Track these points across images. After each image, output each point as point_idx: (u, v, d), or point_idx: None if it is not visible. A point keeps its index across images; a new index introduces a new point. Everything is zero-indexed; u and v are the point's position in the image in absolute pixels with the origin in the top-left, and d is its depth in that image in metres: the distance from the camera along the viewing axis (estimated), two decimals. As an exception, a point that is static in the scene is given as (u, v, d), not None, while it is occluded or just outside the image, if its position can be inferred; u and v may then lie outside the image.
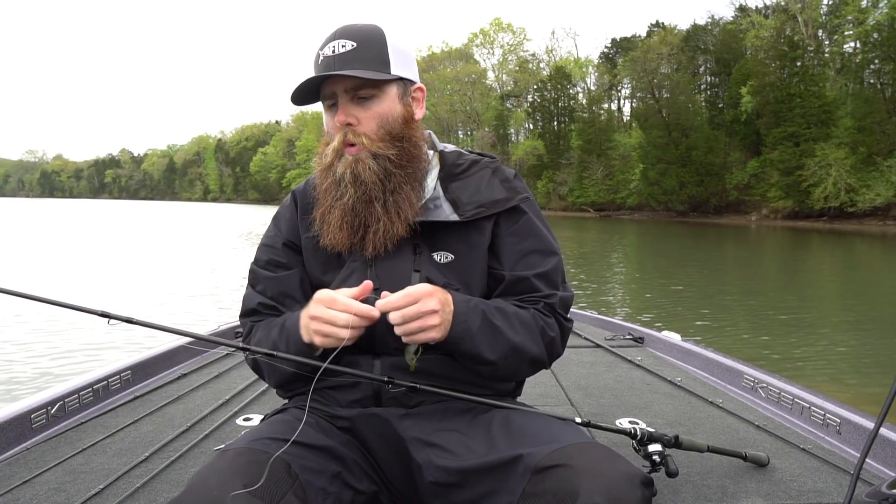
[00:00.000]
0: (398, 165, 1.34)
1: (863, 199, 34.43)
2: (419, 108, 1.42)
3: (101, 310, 1.21)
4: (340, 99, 1.33)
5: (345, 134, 1.33)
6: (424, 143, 1.42)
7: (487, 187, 1.41)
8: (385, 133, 1.34)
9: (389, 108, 1.35)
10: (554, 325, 1.37)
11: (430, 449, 1.23)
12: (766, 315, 9.23)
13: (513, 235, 1.41)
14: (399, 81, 1.36)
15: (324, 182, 1.38)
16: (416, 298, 1.17)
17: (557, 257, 1.44)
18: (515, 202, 1.41)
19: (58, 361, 6.07)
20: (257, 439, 1.17)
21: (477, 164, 1.46)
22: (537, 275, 1.39)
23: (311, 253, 1.43)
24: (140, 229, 31.13)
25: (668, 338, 3.20)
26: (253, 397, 2.40)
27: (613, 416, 2.21)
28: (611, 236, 28.83)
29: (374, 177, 1.32)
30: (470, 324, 1.24)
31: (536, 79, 66.08)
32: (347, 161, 1.33)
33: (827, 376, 6.08)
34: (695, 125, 46.18)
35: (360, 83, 1.32)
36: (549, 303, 1.38)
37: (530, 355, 1.32)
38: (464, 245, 1.38)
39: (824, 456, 1.84)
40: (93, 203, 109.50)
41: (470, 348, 1.25)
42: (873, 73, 40.32)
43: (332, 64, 1.31)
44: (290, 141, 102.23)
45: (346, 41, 1.32)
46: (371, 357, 1.33)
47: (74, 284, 11.23)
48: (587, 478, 1.01)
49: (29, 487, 1.62)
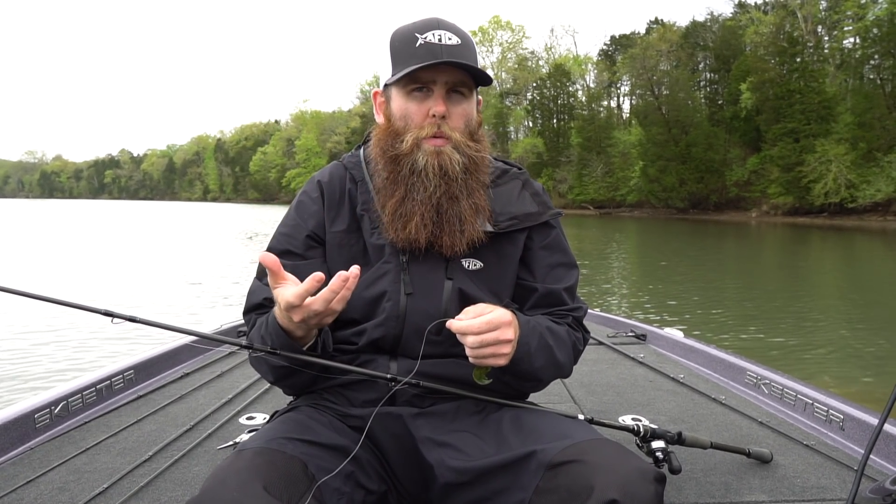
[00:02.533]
0: (476, 167, 1.33)
1: (863, 195, 34.43)
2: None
3: (105, 309, 1.21)
4: (437, 89, 1.30)
5: (438, 125, 1.29)
6: (489, 152, 1.40)
7: (519, 200, 1.42)
8: (468, 133, 1.33)
9: (472, 110, 1.35)
10: (581, 339, 1.44)
11: (441, 449, 1.23)
12: (768, 311, 9.24)
13: (544, 249, 1.43)
14: (476, 90, 1.38)
15: (393, 172, 1.32)
16: (497, 326, 1.15)
17: (577, 270, 1.48)
18: (547, 217, 1.43)
19: (60, 362, 6.08)
20: (273, 438, 1.16)
21: (507, 175, 1.45)
22: (566, 288, 1.43)
23: (336, 249, 1.38)
24: (141, 229, 31.12)
25: (671, 335, 3.20)
26: (256, 396, 2.40)
27: (616, 414, 2.21)
28: (611, 234, 28.82)
29: (460, 173, 1.30)
30: (531, 346, 1.24)
31: (536, 76, 66.09)
32: (429, 151, 1.28)
33: (830, 372, 6.08)
34: (694, 122, 46.21)
35: (461, 79, 1.30)
36: (577, 317, 1.44)
37: (564, 371, 1.38)
38: (494, 254, 1.38)
39: (827, 452, 1.84)
40: (93, 203, 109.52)
41: (526, 368, 1.26)
42: (873, 68, 40.29)
43: (440, 52, 1.27)
44: (289, 140, 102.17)
45: (452, 35, 1.30)
46: (388, 358, 1.33)
47: (77, 284, 11.24)
48: (601, 473, 1.01)
49: (33, 487, 1.63)
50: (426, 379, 1.26)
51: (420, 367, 1.28)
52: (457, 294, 1.33)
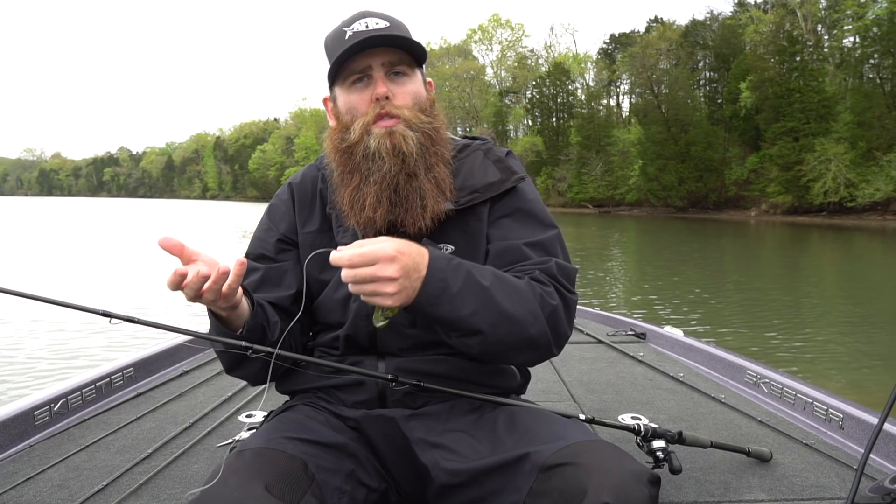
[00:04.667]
0: (433, 142, 1.29)
1: (862, 194, 34.40)
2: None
3: (103, 309, 1.20)
4: (375, 73, 1.28)
5: (382, 106, 1.26)
6: (445, 127, 1.37)
7: (480, 170, 1.36)
8: (419, 110, 1.30)
9: (420, 89, 1.32)
10: (553, 293, 1.22)
11: (435, 450, 1.22)
12: (768, 310, 9.24)
13: (508, 217, 1.34)
14: (421, 68, 1.35)
15: (348, 163, 1.29)
16: (373, 260, 1.02)
17: (556, 230, 1.34)
18: (511, 184, 1.35)
19: (60, 363, 6.07)
20: (273, 438, 1.16)
21: (468, 148, 1.41)
22: (529, 243, 1.29)
23: (308, 250, 1.35)
24: (140, 227, 31.07)
25: (670, 333, 3.21)
26: (255, 394, 2.40)
27: (616, 412, 2.21)
28: (610, 232, 28.83)
29: (415, 148, 1.26)
30: (449, 282, 1.10)
31: (535, 75, 65.99)
32: (380, 133, 1.25)
33: (829, 371, 6.09)
34: (694, 121, 46.16)
35: (398, 58, 1.28)
36: (545, 268, 1.25)
37: (530, 330, 1.17)
38: (461, 234, 1.32)
39: (827, 451, 1.84)
40: (91, 201, 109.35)
41: (448, 311, 1.10)
42: (873, 67, 40.23)
43: (367, 39, 1.25)
44: (288, 138, 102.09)
45: (379, 20, 1.29)
46: (375, 358, 1.31)
47: (77, 282, 11.23)
48: (595, 476, 1.00)
49: (32, 484, 1.63)
50: (421, 377, 1.24)
51: (412, 364, 1.27)
52: None
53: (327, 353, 1.37)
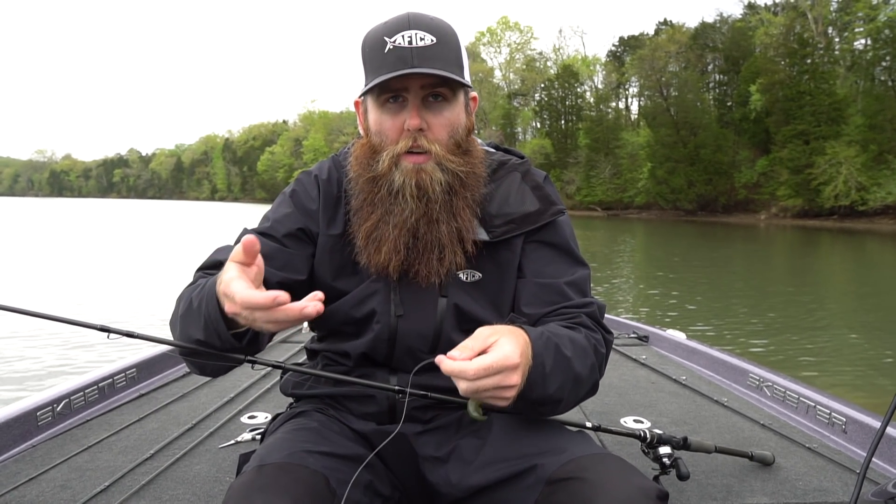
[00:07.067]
0: (463, 184, 1.21)
1: (874, 198, 34.20)
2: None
3: (101, 324, 1.18)
4: (411, 98, 1.18)
5: (415, 138, 1.17)
6: (482, 162, 1.27)
7: (517, 196, 1.28)
8: (454, 144, 1.21)
9: (458, 116, 1.22)
10: (602, 341, 1.22)
11: (444, 465, 1.20)
12: (771, 313, 9.19)
13: (543, 250, 1.30)
14: (465, 88, 1.23)
15: (370, 193, 1.22)
16: (499, 370, 0.95)
17: (588, 269, 1.31)
18: (549, 217, 1.29)
19: (60, 363, 6.09)
20: (294, 452, 1.11)
21: (504, 168, 1.32)
22: (568, 282, 1.26)
23: (327, 254, 1.29)
24: (149, 229, 31.24)
25: (673, 336, 3.19)
26: (258, 395, 2.40)
27: (618, 415, 2.20)
28: (618, 235, 28.74)
29: (441, 193, 1.18)
30: (545, 364, 1.06)
31: (544, 77, 65.98)
32: (408, 169, 1.17)
33: (832, 375, 6.05)
34: (703, 123, 46.02)
35: (438, 82, 1.17)
36: (589, 312, 1.24)
37: (588, 384, 1.17)
38: (492, 263, 1.27)
39: (830, 455, 1.83)
40: (101, 203, 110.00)
41: (540, 392, 1.06)
42: (884, 70, 40.01)
43: (410, 57, 1.14)
44: (297, 140, 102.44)
45: (425, 34, 1.17)
46: (387, 372, 1.28)
47: (83, 287, 11.28)
48: (601, 492, 0.97)
49: (34, 485, 1.63)
50: (432, 390, 1.17)
51: (422, 380, 1.18)
52: (452, 311, 1.25)
53: (336, 361, 1.33)
